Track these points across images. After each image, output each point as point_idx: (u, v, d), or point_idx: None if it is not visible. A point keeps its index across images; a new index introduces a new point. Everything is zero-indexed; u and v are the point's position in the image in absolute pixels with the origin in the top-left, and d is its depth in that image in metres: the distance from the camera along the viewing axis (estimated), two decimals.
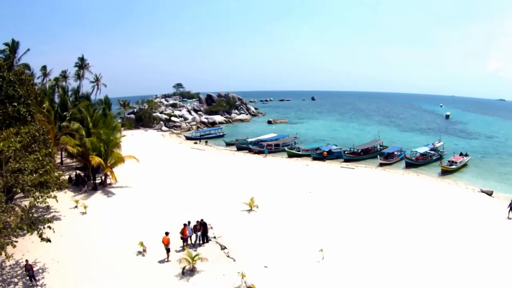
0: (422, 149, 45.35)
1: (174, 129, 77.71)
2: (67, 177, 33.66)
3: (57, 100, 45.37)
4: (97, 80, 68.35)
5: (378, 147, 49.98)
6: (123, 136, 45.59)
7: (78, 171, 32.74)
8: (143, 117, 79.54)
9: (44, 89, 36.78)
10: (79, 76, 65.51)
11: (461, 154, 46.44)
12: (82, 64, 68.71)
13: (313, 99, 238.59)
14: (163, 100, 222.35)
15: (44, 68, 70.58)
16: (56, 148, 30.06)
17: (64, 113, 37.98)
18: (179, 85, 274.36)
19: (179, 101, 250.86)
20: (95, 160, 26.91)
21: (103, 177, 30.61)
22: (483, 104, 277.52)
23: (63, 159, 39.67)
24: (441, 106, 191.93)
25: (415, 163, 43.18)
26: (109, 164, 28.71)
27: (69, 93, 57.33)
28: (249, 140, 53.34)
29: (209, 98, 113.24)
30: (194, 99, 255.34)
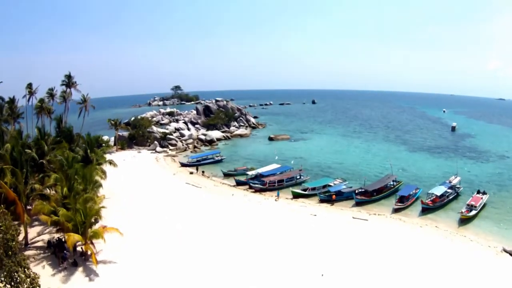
0: (439, 190, 41.32)
1: (170, 148, 73.38)
2: (46, 238, 29.76)
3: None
4: (84, 101, 63.68)
5: (392, 182, 45.94)
6: (117, 162, 41.33)
7: (57, 236, 28.40)
8: (137, 135, 75.13)
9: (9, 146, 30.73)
10: (64, 99, 60.86)
11: (478, 192, 43.08)
12: (69, 82, 64.22)
13: (313, 102, 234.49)
14: (161, 107, 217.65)
15: (29, 86, 66.25)
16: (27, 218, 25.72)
17: (41, 160, 33.62)
18: (177, 88, 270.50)
19: (177, 104, 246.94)
20: (71, 239, 22.74)
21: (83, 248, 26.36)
22: (485, 107, 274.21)
23: None
24: (444, 111, 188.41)
25: (432, 207, 39.34)
26: (88, 239, 24.47)
27: (53, 120, 53.17)
28: (249, 173, 49.27)
29: (207, 109, 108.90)
30: (192, 102, 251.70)
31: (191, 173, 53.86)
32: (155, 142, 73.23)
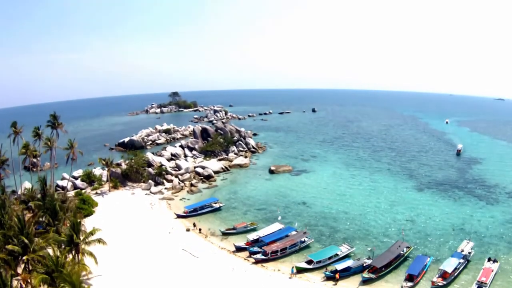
0: (450, 265, 38.33)
1: (165, 187, 69.86)
2: None
3: None
4: (71, 147, 59.82)
5: (404, 249, 42.82)
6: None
7: None
8: (130, 173, 71.55)
9: None
10: (49, 147, 57.00)
11: (489, 260, 40.78)
12: (54, 123, 60.70)
13: (313, 111, 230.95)
14: (158, 115, 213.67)
15: (14, 125, 62.88)
16: None
17: (23, 257, 30.29)
18: (175, 94, 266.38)
19: (175, 111, 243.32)
20: None
21: None
22: (487, 112, 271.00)
23: None
24: (446, 122, 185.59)
25: (442, 285, 36.38)
26: None
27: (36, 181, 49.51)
28: (249, 236, 46.06)
29: (205, 132, 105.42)
30: (190, 109, 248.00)
31: (188, 230, 50.47)
32: (150, 181, 69.70)
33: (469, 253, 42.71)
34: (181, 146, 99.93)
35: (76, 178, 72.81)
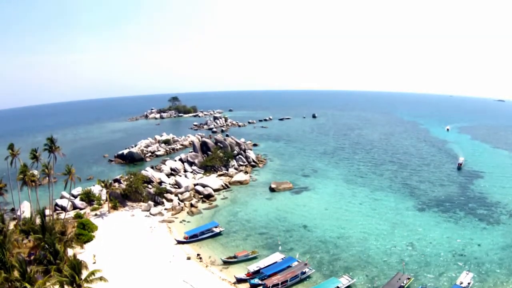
0: None
1: (165, 207, 69.56)
2: None
3: None
4: (69, 172, 59.40)
5: (404, 281, 42.66)
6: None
7: None
8: (129, 193, 71.26)
9: None
10: (47, 175, 56.61)
11: None
12: (51, 147, 60.47)
13: (314, 116, 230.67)
14: (158, 120, 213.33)
15: (11, 147, 62.64)
16: None
17: None
18: (174, 99, 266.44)
19: (175, 116, 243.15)
20: None
21: None
22: (488, 116, 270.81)
23: None
24: (447, 129, 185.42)
25: None
26: None
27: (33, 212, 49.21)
28: (249, 268, 45.79)
29: (204, 145, 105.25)
30: (190, 114, 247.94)
31: (189, 258, 50.16)
32: (149, 202, 69.41)
33: (469, 283, 42.72)
34: (180, 159, 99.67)
35: (75, 197, 72.60)
